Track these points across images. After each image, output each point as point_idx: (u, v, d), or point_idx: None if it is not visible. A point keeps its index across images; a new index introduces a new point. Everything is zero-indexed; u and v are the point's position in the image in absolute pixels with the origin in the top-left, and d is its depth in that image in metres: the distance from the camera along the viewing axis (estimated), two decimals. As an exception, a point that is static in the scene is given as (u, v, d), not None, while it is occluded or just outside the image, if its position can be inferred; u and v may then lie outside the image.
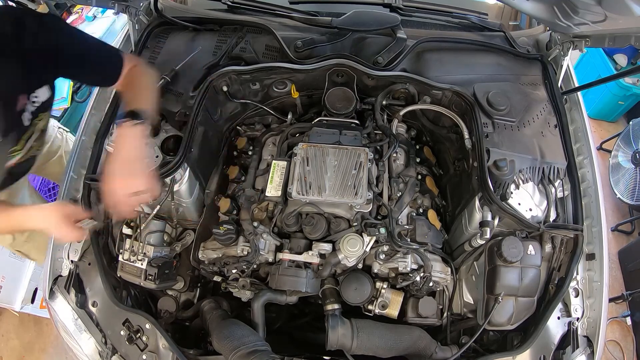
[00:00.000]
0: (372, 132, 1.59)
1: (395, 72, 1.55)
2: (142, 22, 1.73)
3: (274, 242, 1.45)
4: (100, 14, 4.04)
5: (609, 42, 1.42)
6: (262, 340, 1.27)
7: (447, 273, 1.45)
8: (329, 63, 1.56)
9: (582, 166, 1.50)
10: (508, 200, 1.35)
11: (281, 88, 1.70)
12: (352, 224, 1.42)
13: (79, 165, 1.51)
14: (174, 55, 1.61)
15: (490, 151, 1.37)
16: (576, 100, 1.65)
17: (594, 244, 1.39)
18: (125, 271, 1.37)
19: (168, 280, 1.43)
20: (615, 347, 2.71)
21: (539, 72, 1.64)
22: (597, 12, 1.18)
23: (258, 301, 1.37)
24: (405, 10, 1.69)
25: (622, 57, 3.53)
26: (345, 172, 1.40)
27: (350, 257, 1.36)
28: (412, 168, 1.59)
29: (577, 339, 1.29)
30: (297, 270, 1.36)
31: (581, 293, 1.35)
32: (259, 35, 1.66)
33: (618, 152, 3.12)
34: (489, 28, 1.76)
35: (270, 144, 1.71)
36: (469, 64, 1.62)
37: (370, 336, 1.32)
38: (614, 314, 2.77)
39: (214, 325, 1.34)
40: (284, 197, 1.44)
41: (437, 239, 1.48)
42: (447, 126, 1.68)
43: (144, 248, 1.36)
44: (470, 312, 1.47)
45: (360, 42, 1.66)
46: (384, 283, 1.45)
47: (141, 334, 1.31)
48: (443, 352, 1.36)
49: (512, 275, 1.27)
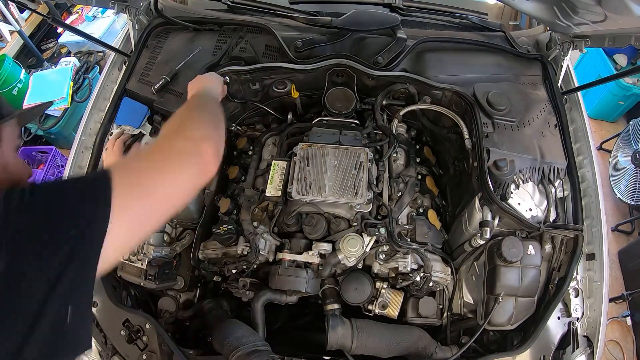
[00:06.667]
0: (372, 132, 1.59)
1: (395, 72, 1.55)
2: (142, 22, 1.73)
3: (274, 242, 1.45)
4: (100, 14, 4.05)
5: (609, 42, 1.42)
6: (262, 340, 1.27)
7: (447, 273, 1.45)
8: (329, 63, 1.56)
9: (582, 166, 1.50)
10: (508, 200, 1.35)
11: (281, 88, 1.69)
12: (352, 224, 1.42)
13: (78, 165, 1.51)
14: (174, 55, 1.61)
15: (490, 151, 1.37)
16: (576, 100, 1.65)
17: (594, 244, 1.39)
18: (125, 271, 1.37)
19: (168, 280, 1.43)
20: (615, 347, 2.70)
21: (539, 72, 1.64)
22: (597, 12, 1.18)
23: (258, 301, 1.38)
24: (405, 10, 1.68)
25: (622, 57, 3.53)
26: (345, 172, 1.40)
27: (350, 257, 1.35)
28: (412, 168, 1.59)
29: (577, 339, 1.29)
30: (297, 270, 1.36)
31: (581, 293, 1.35)
32: (259, 35, 1.66)
33: (618, 152, 3.12)
34: (489, 28, 1.76)
35: (270, 144, 1.71)
36: (469, 64, 1.62)
37: (370, 336, 1.32)
38: (614, 314, 2.77)
39: (214, 325, 1.34)
40: (284, 197, 1.44)
41: (437, 239, 1.48)
42: (447, 126, 1.68)
43: (144, 248, 1.36)
44: (470, 312, 1.47)
45: (360, 42, 1.66)
46: (384, 283, 1.45)
47: (141, 334, 1.31)
48: (443, 352, 1.36)
49: (512, 275, 1.27)
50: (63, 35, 4.04)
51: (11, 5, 3.59)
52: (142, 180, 0.68)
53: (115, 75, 1.77)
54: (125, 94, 1.58)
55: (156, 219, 0.70)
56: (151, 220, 0.69)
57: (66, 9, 4.37)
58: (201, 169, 0.75)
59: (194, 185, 0.76)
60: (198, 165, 0.75)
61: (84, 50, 3.96)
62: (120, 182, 0.63)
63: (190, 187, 0.75)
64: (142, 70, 1.60)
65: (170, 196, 0.71)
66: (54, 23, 1.67)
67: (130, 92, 1.58)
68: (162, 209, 0.70)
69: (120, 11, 1.66)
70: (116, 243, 0.61)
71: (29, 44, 3.95)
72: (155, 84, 1.52)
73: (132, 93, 1.58)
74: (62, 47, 4.25)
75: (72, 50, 4.03)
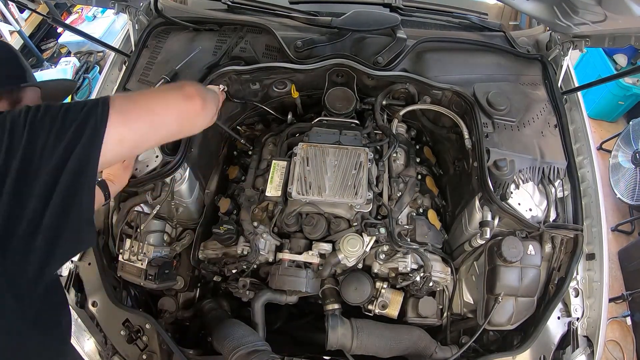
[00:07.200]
0: (372, 132, 1.59)
1: (395, 72, 1.55)
2: (142, 22, 1.73)
3: (274, 242, 1.45)
4: (100, 14, 4.05)
5: (609, 42, 1.42)
6: (262, 340, 1.27)
7: (447, 273, 1.45)
8: (329, 63, 1.56)
9: (582, 166, 1.50)
10: (508, 200, 1.35)
11: (281, 88, 1.70)
12: (352, 224, 1.42)
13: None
14: (174, 55, 1.61)
15: (490, 151, 1.37)
16: (576, 100, 1.65)
17: (594, 244, 1.39)
18: (125, 271, 1.37)
19: (168, 280, 1.43)
20: (615, 347, 2.70)
21: (539, 72, 1.64)
22: (597, 12, 1.18)
23: (258, 301, 1.38)
24: (405, 10, 1.68)
25: (622, 57, 3.54)
26: (345, 172, 1.40)
27: (350, 257, 1.35)
28: (412, 168, 1.59)
29: (577, 339, 1.29)
30: (297, 270, 1.36)
31: (581, 293, 1.35)
32: (259, 35, 1.66)
33: (618, 152, 3.12)
34: (489, 28, 1.76)
35: (270, 144, 1.71)
36: (469, 64, 1.62)
37: (370, 336, 1.32)
38: (614, 314, 2.77)
39: (213, 325, 1.34)
40: (284, 197, 1.44)
41: (437, 239, 1.48)
42: (447, 126, 1.68)
43: (144, 248, 1.36)
44: (470, 312, 1.47)
45: (360, 42, 1.66)
46: (384, 283, 1.45)
47: (141, 334, 1.31)
48: (443, 352, 1.37)
49: (512, 275, 1.27)
50: (63, 35, 4.05)
51: (11, 5, 3.59)
52: (134, 95, 0.92)
53: (115, 75, 1.77)
54: (125, 94, 1.58)
55: (152, 122, 0.83)
56: (146, 121, 0.82)
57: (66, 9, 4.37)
58: (184, 95, 0.90)
59: (179, 108, 0.90)
60: (181, 93, 0.91)
61: (84, 50, 3.97)
62: (118, 96, 0.79)
63: (176, 108, 0.89)
64: (142, 70, 1.60)
65: (160, 107, 0.85)
66: (54, 23, 1.67)
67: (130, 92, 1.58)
68: (154, 115, 0.84)
69: (120, 11, 1.66)
70: (114, 140, 0.74)
71: (29, 44, 3.96)
72: (155, 84, 1.51)
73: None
74: (62, 47, 4.25)
75: (72, 50, 4.04)
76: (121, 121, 0.76)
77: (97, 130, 0.72)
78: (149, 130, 0.84)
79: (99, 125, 0.72)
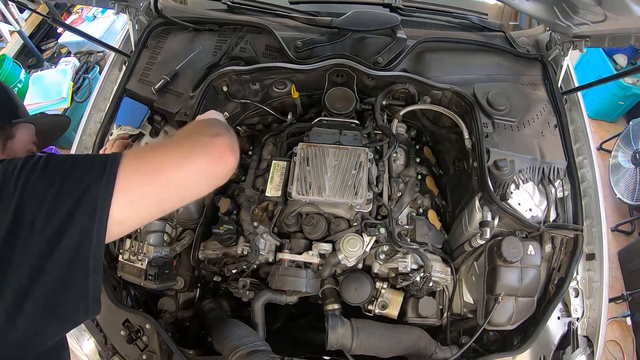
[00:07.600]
0: (372, 132, 1.59)
1: (395, 72, 1.55)
2: (142, 22, 1.73)
3: (274, 242, 1.45)
4: (100, 14, 4.05)
5: (609, 42, 1.42)
6: (262, 340, 1.27)
7: (447, 273, 1.45)
8: (329, 63, 1.56)
9: (582, 166, 1.50)
10: (508, 200, 1.35)
11: (281, 88, 1.69)
12: (352, 224, 1.42)
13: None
14: (174, 55, 1.61)
15: (490, 151, 1.37)
16: (576, 100, 1.65)
17: (594, 244, 1.39)
18: (125, 271, 1.37)
19: (168, 280, 1.43)
20: (615, 347, 2.70)
21: (539, 72, 1.64)
22: (597, 12, 1.18)
23: (258, 301, 1.38)
24: (405, 10, 1.69)
25: (622, 57, 3.54)
26: (345, 172, 1.40)
27: (350, 257, 1.35)
28: (412, 168, 1.59)
29: (577, 339, 1.29)
30: (297, 270, 1.36)
31: (581, 293, 1.35)
32: (259, 35, 1.66)
33: (618, 152, 3.12)
34: (489, 28, 1.76)
35: (270, 144, 1.71)
36: (469, 64, 1.62)
37: (370, 336, 1.32)
38: (614, 314, 2.76)
39: (213, 325, 1.34)
40: (284, 197, 1.44)
41: (437, 239, 1.48)
42: (447, 126, 1.68)
43: (144, 248, 1.36)
44: (470, 312, 1.47)
45: (360, 42, 1.66)
46: (384, 283, 1.45)
47: (141, 334, 1.31)
48: (443, 352, 1.36)
49: (512, 275, 1.27)
50: (63, 36, 4.05)
51: (11, 5, 3.59)
52: (151, 159, 0.69)
53: (115, 75, 1.77)
54: (125, 94, 1.58)
55: (163, 200, 0.69)
56: (157, 200, 0.68)
57: (66, 9, 4.37)
58: (215, 157, 0.72)
59: (207, 174, 0.73)
60: (211, 153, 0.72)
61: (84, 50, 3.96)
62: (128, 159, 0.66)
63: (202, 176, 0.73)
64: (142, 70, 1.61)
65: (179, 180, 0.69)
66: (54, 23, 1.67)
67: (130, 92, 1.58)
68: (170, 191, 0.69)
69: (120, 11, 1.66)
70: (121, 215, 0.63)
71: (29, 44, 3.95)
72: (155, 84, 1.52)
73: (132, 93, 1.58)
74: (62, 47, 4.25)
75: (72, 50, 4.03)
76: (128, 201, 0.64)
77: (97, 214, 0.61)
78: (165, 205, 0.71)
79: (100, 206, 0.61)
